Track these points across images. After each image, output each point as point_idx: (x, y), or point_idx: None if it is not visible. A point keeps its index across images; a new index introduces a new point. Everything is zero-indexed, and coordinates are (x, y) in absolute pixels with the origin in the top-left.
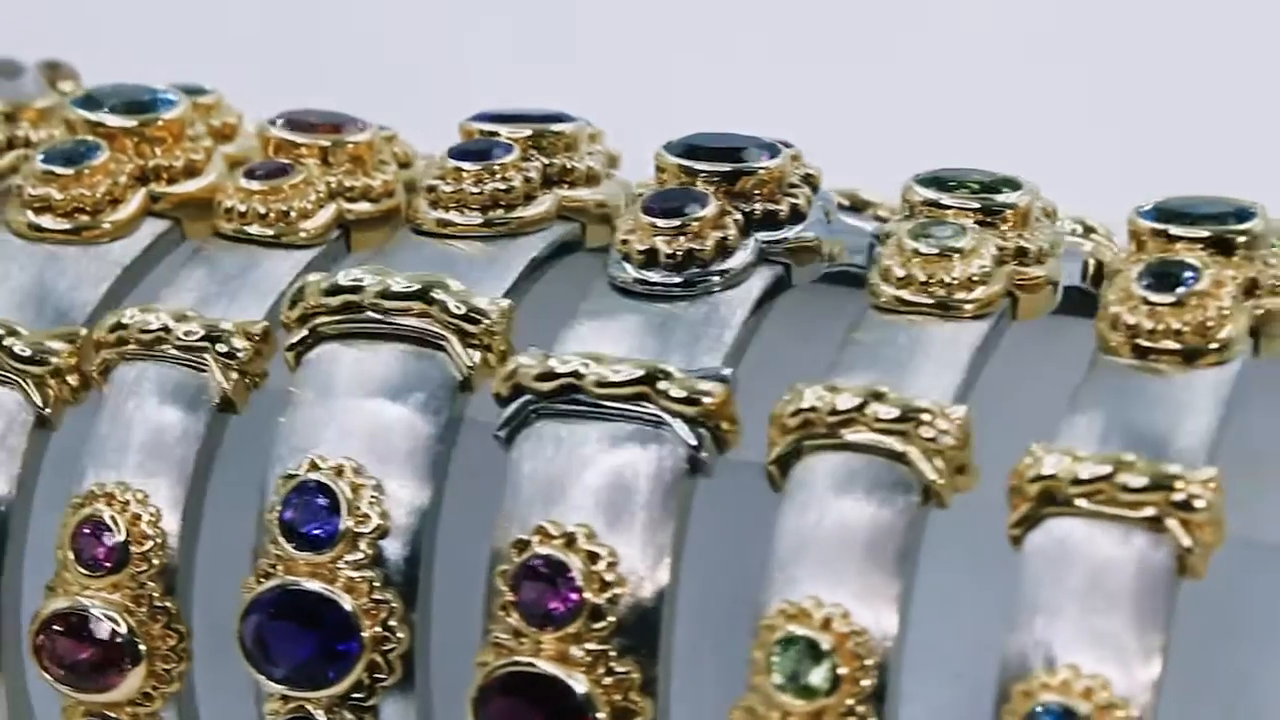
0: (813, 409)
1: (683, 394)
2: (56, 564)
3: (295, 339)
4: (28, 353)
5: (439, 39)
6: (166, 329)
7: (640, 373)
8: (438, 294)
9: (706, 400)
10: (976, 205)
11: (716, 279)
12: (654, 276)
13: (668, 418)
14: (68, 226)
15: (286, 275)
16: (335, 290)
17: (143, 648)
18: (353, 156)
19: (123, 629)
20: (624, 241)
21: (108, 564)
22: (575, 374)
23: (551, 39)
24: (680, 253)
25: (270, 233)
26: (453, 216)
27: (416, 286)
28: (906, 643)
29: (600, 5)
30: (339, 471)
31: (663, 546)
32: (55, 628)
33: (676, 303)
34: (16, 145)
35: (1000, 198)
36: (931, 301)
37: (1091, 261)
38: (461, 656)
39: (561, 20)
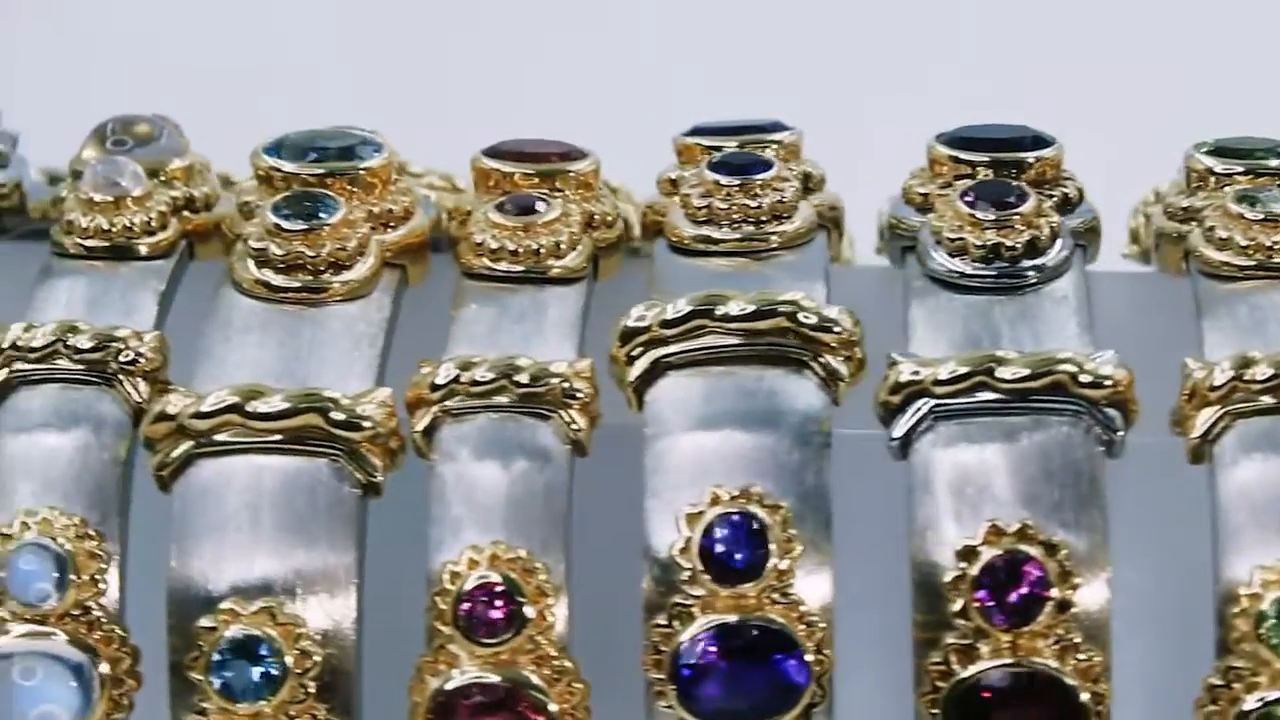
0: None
1: (1089, 380)
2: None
3: (637, 374)
4: (341, 417)
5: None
6: (508, 376)
7: (1048, 366)
8: (785, 308)
9: (1110, 385)
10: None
11: (1033, 272)
12: (972, 269)
13: (1079, 405)
14: (311, 284)
15: (574, 310)
16: (681, 320)
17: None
18: (581, 184)
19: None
20: (940, 233)
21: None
22: (988, 371)
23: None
24: (1012, 244)
25: (521, 268)
26: (710, 232)
27: (766, 304)
28: None
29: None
30: (749, 499)
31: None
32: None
33: (995, 295)
34: (189, 206)
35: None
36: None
37: None
38: None
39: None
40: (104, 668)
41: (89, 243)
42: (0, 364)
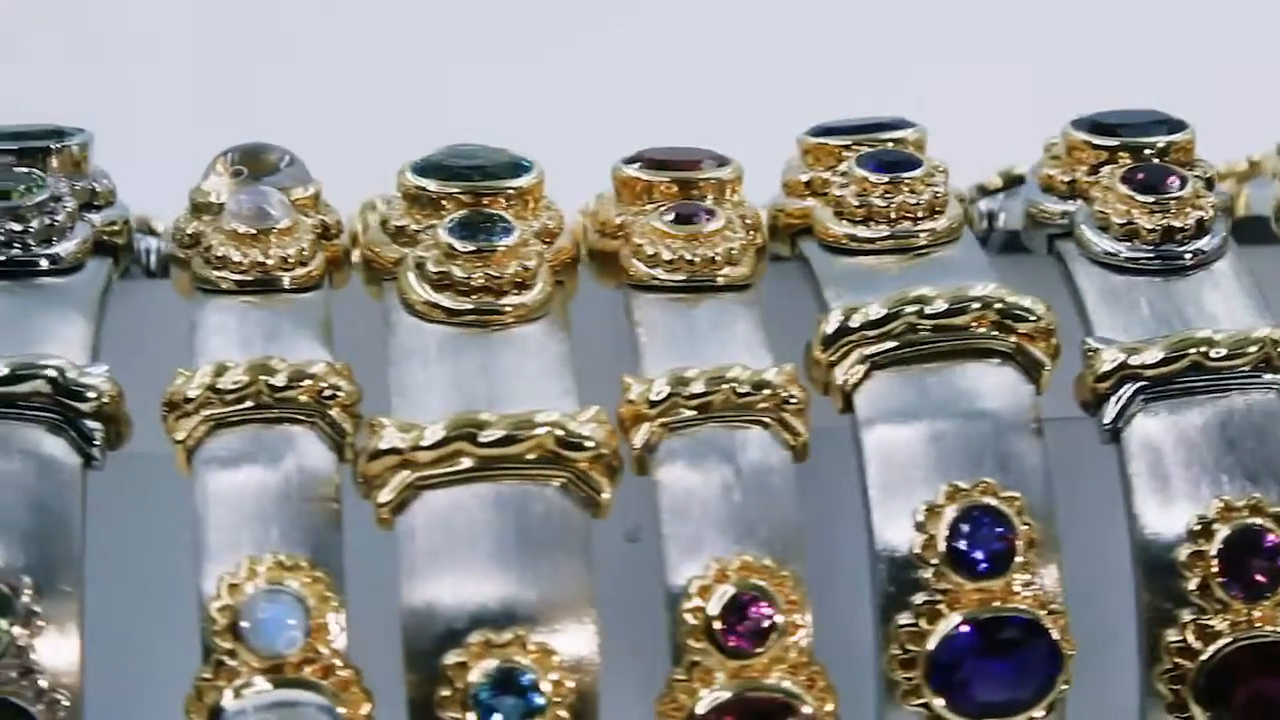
0: None
1: None
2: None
3: (847, 375)
4: (566, 439)
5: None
6: (723, 387)
7: (1251, 343)
8: (981, 301)
9: None
10: None
11: (1197, 253)
12: (1139, 251)
13: None
14: (487, 305)
15: (758, 317)
16: (883, 320)
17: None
18: (725, 190)
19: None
20: (1107, 218)
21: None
22: (1201, 352)
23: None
24: (1182, 226)
25: (682, 276)
26: (861, 230)
27: (962, 299)
28: None
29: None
30: (986, 491)
31: None
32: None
33: (1164, 276)
34: (324, 234)
35: None
36: None
37: None
38: None
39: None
40: (341, 711)
41: (241, 277)
42: (197, 407)
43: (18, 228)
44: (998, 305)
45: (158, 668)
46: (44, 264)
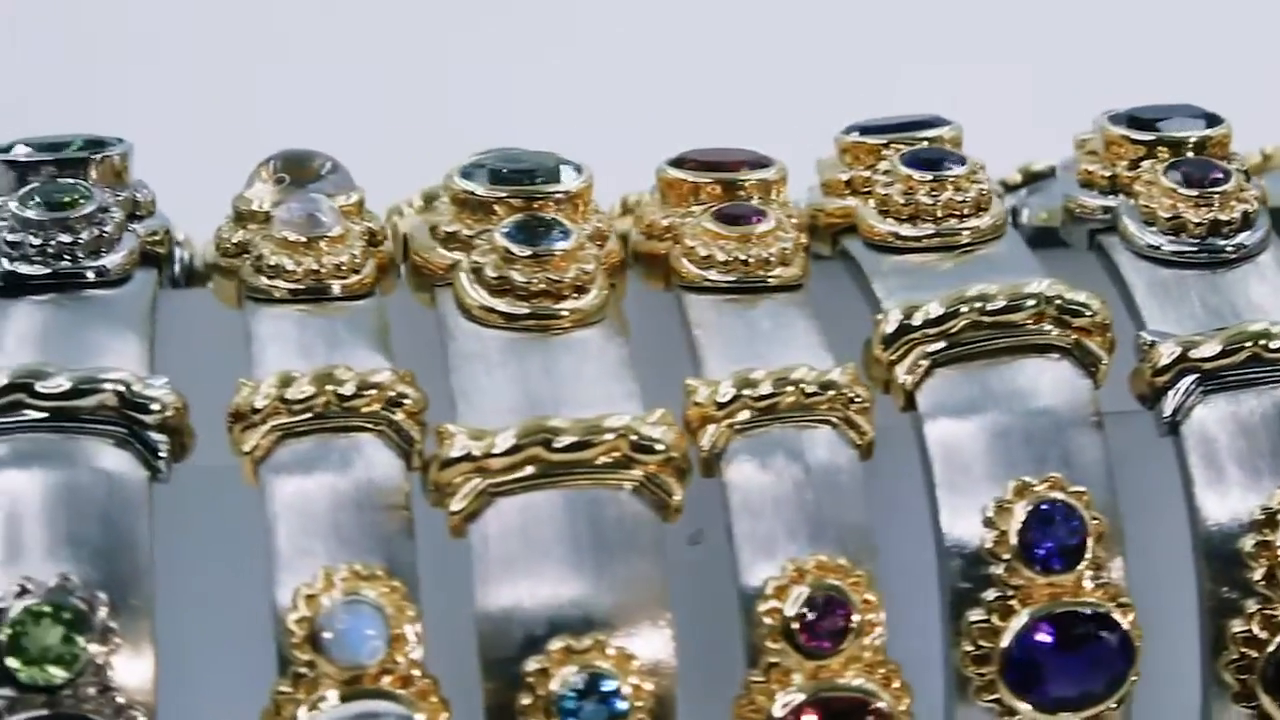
0: None
1: None
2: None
3: (909, 373)
4: (639, 442)
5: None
6: (789, 388)
7: None
8: (1037, 298)
9: None
10: None
11: (1241, 246)
12: (1185, 245)
13: None
14: (544, 310)
15: (813, 318)
16: (943, 319)
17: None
18: (769, 190)
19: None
20: (1153, 212)
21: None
22: (1260, 344)
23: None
24: (1228, 219)
25: (734, 278)
26: (903, 229)
27: (1017, 295)
28: None
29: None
30: (1054, 486)
31: None
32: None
33: (1209, 270)
34: (371, 241)
35: None
36: None
37: None
38: None
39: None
40: (420, 718)
41: (294, 285)
42: (264, 417)
43: (68, 239)
44: (1056, 301)
45: (223, 682)
46: (90, 276)
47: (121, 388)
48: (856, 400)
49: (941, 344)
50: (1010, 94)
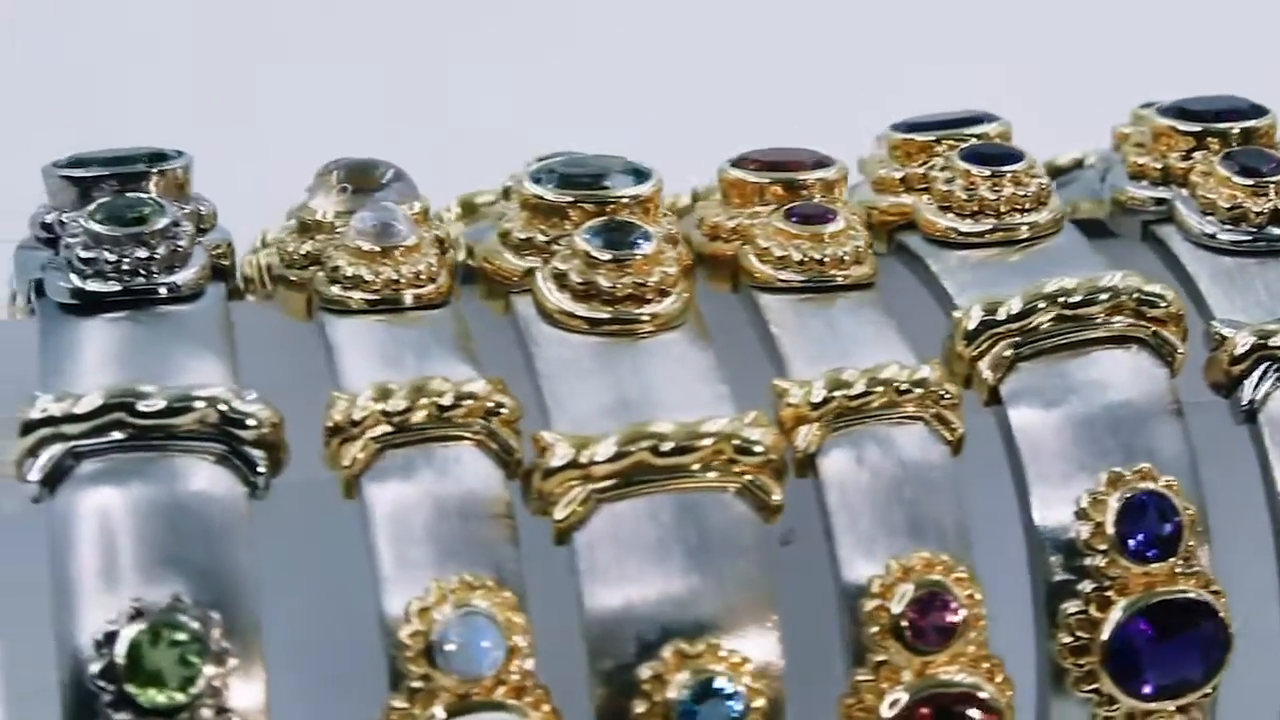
0: None
1: None
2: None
3: (992, 368)
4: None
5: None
6: (882, 386)
7: None
8: (1112, 291)
9: None
10: None
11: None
12: (1243, 234)
13: None
14: (626, 314)
15: (886, 317)
16: (1022, 314)
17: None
18: (829, 189)
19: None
20: (1214, 203)
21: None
22: None
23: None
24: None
25: (804, 278)
26: (963, 225)
27: (1094, 289)
28: None
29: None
30: (1145, 476)
31: None
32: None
33: (1263, 258)
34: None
35: None
36: None
37: None
38: None
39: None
40: None
41: (372, 296)
42: (363, 429)
43: (144, 255)
44: (1134, 293)
45: (327, 698)
46: (163, 292)
47: (221, 404)
48: (946, 396)
49: (1022, 338)
50: (1010, 94)
